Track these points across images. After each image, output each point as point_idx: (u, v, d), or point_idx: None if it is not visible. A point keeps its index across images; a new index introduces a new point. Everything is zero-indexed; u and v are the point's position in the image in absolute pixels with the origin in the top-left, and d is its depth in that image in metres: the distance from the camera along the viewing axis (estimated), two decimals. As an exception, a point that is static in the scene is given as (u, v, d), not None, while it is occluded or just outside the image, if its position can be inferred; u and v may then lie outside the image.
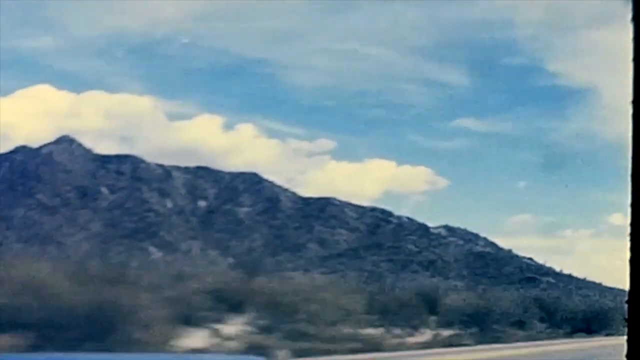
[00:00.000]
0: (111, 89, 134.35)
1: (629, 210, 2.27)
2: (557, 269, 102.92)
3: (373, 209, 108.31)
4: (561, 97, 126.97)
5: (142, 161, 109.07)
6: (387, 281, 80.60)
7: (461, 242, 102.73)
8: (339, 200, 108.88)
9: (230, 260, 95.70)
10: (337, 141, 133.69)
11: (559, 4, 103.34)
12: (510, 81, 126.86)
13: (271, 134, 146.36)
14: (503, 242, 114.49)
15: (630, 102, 2.33)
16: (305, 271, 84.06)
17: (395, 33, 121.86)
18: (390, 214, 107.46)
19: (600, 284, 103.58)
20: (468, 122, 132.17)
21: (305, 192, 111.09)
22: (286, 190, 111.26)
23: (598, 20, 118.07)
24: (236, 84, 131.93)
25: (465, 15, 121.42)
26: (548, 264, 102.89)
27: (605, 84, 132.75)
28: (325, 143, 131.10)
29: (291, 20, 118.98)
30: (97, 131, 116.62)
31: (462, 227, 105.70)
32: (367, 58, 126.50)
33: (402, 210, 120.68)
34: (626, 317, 2.39)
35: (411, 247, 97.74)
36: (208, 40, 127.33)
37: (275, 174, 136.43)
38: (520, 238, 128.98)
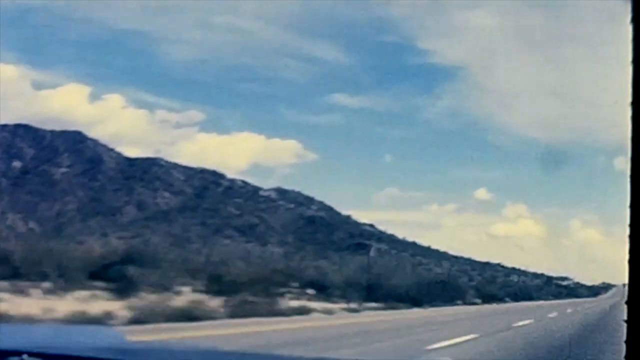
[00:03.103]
0: None
1: (628, 211, 2.20)
2: (400, 237, 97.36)
3: (202, 171, 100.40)
4: (433, 75, 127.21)
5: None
6: (191, 247, 72.56)
7: (292, 205, 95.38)
8: (166, 161, 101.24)
9: (32, 224, 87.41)
10: (207, 114, 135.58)
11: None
12: (384, 58, 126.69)
13: (140, 105, 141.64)
14: (370, 216, 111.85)
15: (630, 104, 2.22)
16: (103, 236, 75.69)
17: (271, 8, 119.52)
18: (222, 176, 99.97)
19: (445, 253, 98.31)
20: (340, 98, 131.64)
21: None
22: (111, 150, 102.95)
23: (469, 3, 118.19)
24: (109, 56, 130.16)
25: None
26: (389, 231, 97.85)
27: (476, 64, 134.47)
28: (195, 115, 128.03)
29: None
30: None
31: (295, 189, 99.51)
32: (242, 32, 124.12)
33: (268, 182, 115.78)
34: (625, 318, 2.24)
35: (232, 210, 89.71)
36: (82, 11, 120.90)
37: (141, 145, 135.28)
38: (387, 212, 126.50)
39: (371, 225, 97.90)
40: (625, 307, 2.12)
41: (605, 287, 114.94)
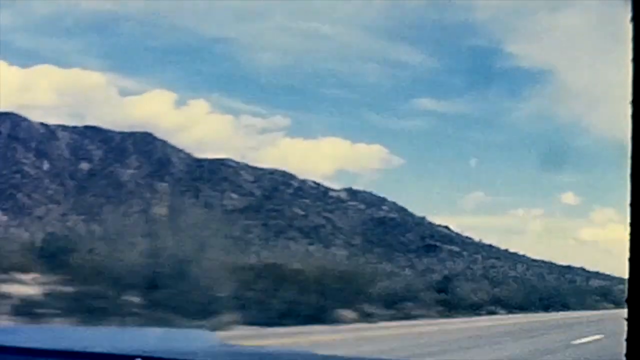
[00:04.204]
0: (65, 65, 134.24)
1: (628, 210, 2.27)
2: (476, 239, 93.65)
3: (272, 172, 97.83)
4: (519, 79, 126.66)
5: (25, 119, 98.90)
6: (250, 249, 69.92)
7: (362, 206, 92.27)
8: (236, 162, 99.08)
9: (95, 227, 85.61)
10: (292, 119, 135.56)
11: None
12: (470, 62, 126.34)
13: (225, 111, 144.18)
14: (454, 221, 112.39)
15: (630, 102, 2.29)
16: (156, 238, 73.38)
17: (356, 13, 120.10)
18: (292, 177, 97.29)
19: (523, 256, 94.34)
20: (426, 103, 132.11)
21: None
22: (180, 151, 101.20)
23: (556, 5, 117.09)
24: (194, 62, 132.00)
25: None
26: (465, 233, 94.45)
27: (563, 66, 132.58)
28: (280, 120, 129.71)
29: (253, 0, 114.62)
30: (47, 106, 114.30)
31: (367, 190, 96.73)
32: (326, 38, 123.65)
33: (353, 187, 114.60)
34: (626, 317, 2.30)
35: (297, 210, 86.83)
36: (168, 18, 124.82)
37: (226, 150, 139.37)
38: (473, 216, 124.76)
39: (446, 227, 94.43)
40: None
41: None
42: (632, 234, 2.15)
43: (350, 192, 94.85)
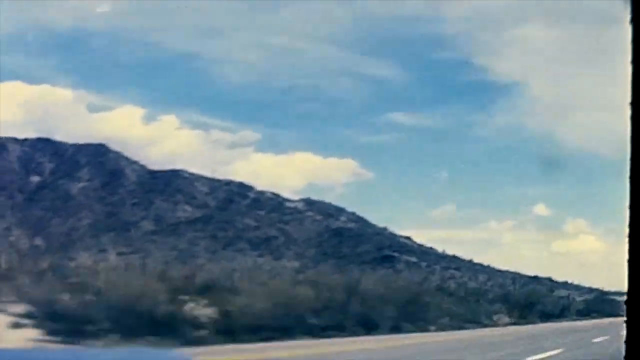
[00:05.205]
0: (34, 81, 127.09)
1: (627, 212, 2.40)
2: (439, 250, 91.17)
3: (228, 183, 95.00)
4: (489, 92, 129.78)
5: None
6: (195, 262, 66.77)
7: (319, 217, 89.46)
8: (190, 173, 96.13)
9: (38, 241, 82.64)
10: (262, 134, 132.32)
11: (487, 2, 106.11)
12: (439, 76, 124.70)
13: (195, 126, 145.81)
14: (425, 234, 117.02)
15: (629, 104, 2.42)
16: (101, 251, 70.54)
17: (327, 28, 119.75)
18: (250, 188, 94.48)
19: (487, 267, 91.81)
20: (397, 116, 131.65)
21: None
22: (134, 163, 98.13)
23: (523, 18, 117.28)
24: (164, 78, 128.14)
25: (395, 11, 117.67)
26: (429, 245, 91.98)
27: (533, 79, 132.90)
28: (250, 135, 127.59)
29: (223, 16, 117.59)
30: (14, 121, 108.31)
31: (326, 200, 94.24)
32: (298, 53, 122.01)
33: (312, 197, 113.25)
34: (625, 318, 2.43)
35: (249, 221, 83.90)
36: (138, 34, 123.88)
37: (196, 165, 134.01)
38: (444, 230, 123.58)
39: (408, 238, 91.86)
40: None
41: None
42: (630, 235, 2.13)
43: (308, 202, 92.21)
